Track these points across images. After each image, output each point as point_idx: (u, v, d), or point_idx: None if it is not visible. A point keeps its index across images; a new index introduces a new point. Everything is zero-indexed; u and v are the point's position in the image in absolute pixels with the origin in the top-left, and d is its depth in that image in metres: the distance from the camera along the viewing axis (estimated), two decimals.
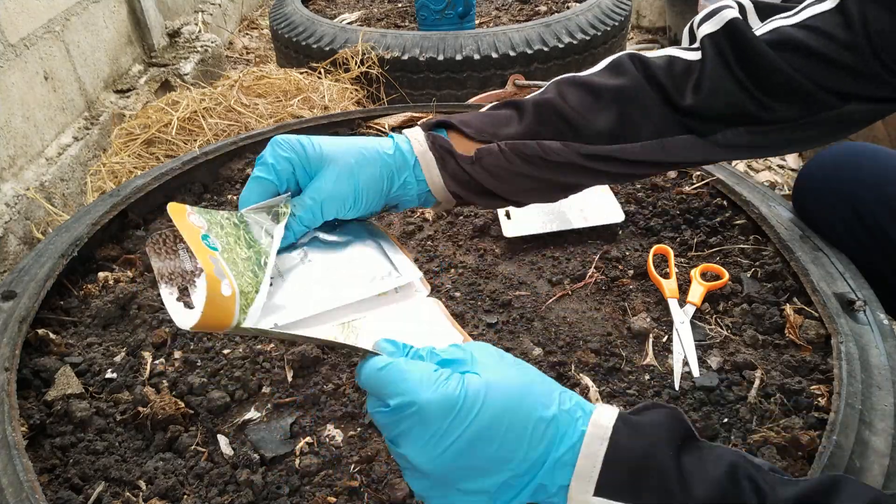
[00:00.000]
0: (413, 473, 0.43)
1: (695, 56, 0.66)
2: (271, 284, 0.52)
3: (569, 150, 0.64)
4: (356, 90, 2.12)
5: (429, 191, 0.64)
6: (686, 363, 0.80)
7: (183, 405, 0.77)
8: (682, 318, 0.86)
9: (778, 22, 0.66)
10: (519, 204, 0.71)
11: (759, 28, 0.67)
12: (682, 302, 0.89)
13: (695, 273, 0.92)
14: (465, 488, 0.41)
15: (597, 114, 0.65)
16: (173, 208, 0.52)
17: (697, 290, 0.89)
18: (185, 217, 0.51)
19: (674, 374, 0.80)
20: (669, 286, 0.90)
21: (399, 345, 0.46)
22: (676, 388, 0.78)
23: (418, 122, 0.68)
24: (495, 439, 0.40)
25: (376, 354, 0.45)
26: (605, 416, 0.43)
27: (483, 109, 0.71)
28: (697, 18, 0.67)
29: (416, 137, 0.62)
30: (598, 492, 0.40)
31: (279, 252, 0.56)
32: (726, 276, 0.91)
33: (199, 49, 2.69)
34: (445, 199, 0.66)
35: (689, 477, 0.40)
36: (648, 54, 0.69)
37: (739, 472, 0.41)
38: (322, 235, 0.61)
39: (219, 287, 0.45)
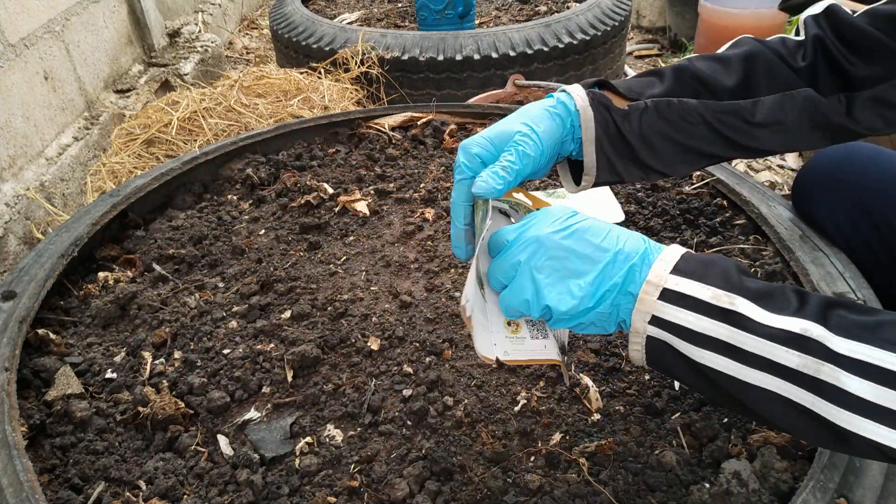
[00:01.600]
0: (538, 258, 0.54)
1: (801, 37, 0.77)
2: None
3: (703, 107, 0.71)
4: (356, 90, 2.12)
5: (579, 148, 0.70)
6: None
7: (183, 405, 0.77)
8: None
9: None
10: (653, 174, 0.74)
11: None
12: None
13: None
14: (577, 271, 0.53)
15: (725, 74, 0.74)
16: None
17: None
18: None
19: None
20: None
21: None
22: (676, 387, 0.78)
23: (580, 84, 0.72)
24: (599, 233, 0.53)
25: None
26: (676, 245, 0.55)
27: (627, 78, 0.78)
28: (804, 12, 0.79)
29: (577, 93, 0.68)
30: (673, 272, 0.51)
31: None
32: None
33: (199, 49, 2.69)
34: (589, 163, 0.70)
35: (747, 276, 0.51)
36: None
37: (785, 285, 0.51)
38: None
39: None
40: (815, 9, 0.78)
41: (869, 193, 0.90)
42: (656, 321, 0.51)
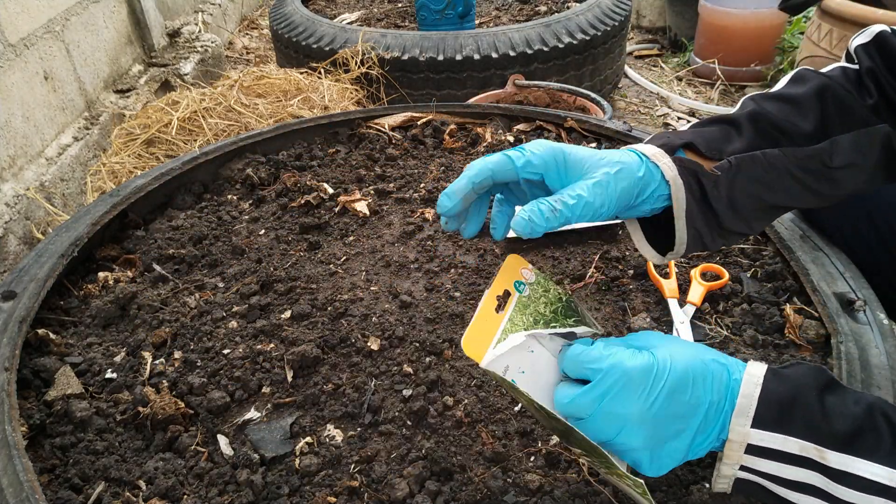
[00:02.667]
0: (629, 431, 0.50)
1: (855, 66, 0.73)
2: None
3: (785, 157, 0.65)
4: (356, 90, 2.12)
5: (665, 206, 0.64)
6: None
7: (183, 405, 0.77)
8: (682, 317, 0.86)
9: None
10: (732, 237, 0.69)
11: None
12: (682, 302, 0.89)
13: (695, 273, 0.92)
14: (672, 433, 0.50)
15: (801, 117, 0.69)
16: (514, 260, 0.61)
17: (697, 290, 0.89)
18: (518, 267, 0.60)
19: None
20: (669, 286, 0.90)
21: (589, 340, 0.55)
22: None
23: (646, 142, 0.67)
24: (687, 388, 0.49)
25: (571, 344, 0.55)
26: (757, 368, 0.52)
27: (688, 127, 0.71)
28: (852, 39, 0.74)
29: (664, 162, 0.62)
30: (754, 424, 0.49)
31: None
32: (726, 275, 0.91)
33: (199, 49, 2.69)
34: (680, 238, 0.64)
35: (832, 412, 0.48)
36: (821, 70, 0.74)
37: (875, 409, 0.48)
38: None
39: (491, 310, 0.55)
40: (865, 36, 0.73)
41: (875, 199, 0.90)
42: (746, 469, 0.50)
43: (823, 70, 0.74)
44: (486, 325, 0.55)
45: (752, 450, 0.49)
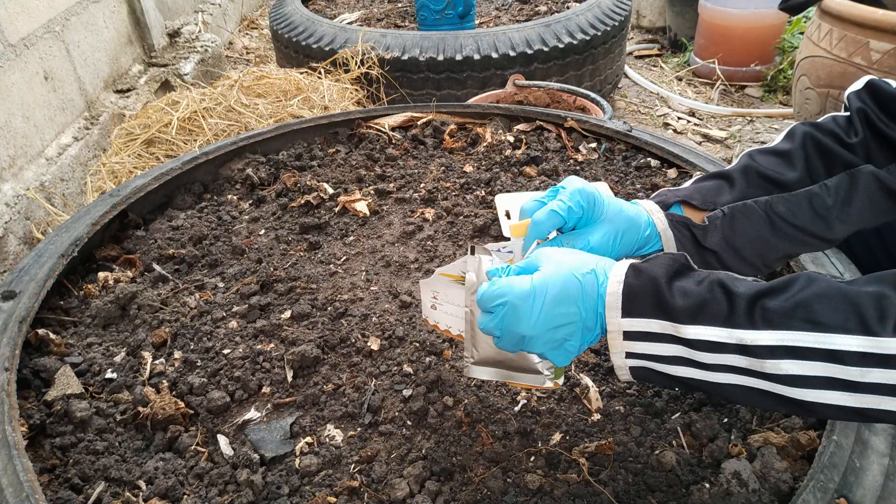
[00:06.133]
0: (529, 342, 0.61)
1: (846, 113, 0.82)
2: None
3: (774, 202, 0.75)
4: (356, 90, 2.12)
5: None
6: None
7: (183, 405, 0.77)
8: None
9: None
10: (741, 269, 0.77)
11: None
12: None
13: None
14: (564, 335, 0.60)
15: (788, 168, 0.79)
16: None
17: None
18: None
19: None
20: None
21: (496, 270, 0.66)
22: (676, 388, 0.78)
23: (650, 198, 0.79)
24: (563, 302, 0.60)
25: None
26: (619, 267, 0.61)
27: (691, 183, 0.83)
28: (847, 91, 0.83)
29: (658, 217, 0.76)
30: (624, 315, 0.58)
31: None
32: None
33: (199, 49, 2.69)
34: None
35: (679, 292, 0.57)
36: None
37: (714, 283, 0.57)
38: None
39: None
40: (857, 85, 0.81)
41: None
42: (631, 356, 0.59)
43: (816, 121, 0.83)
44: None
45: (629, 336, 0.59)
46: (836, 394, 0.51)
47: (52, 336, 0.87)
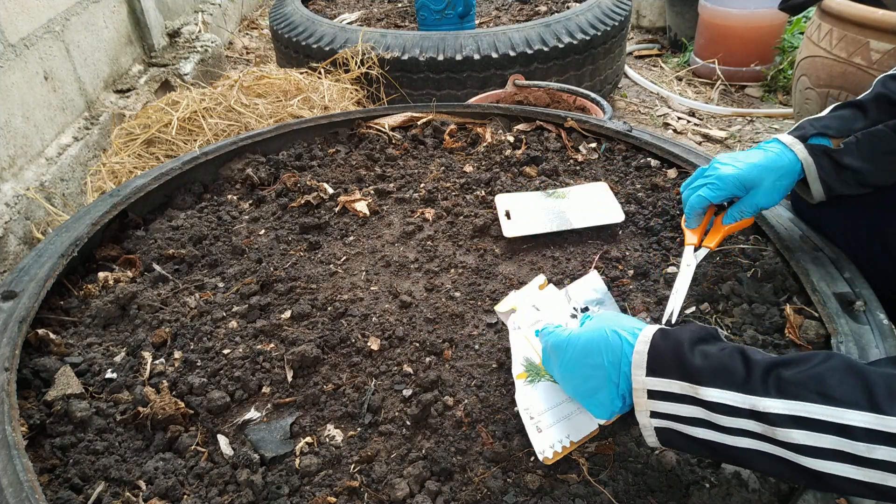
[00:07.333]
0: (562, 383, 0.70)
1: None
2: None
3: None
4: (356, 90, 2.12)
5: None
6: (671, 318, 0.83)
7: (183, 405, 0.77)
8: (689, 261, 0.89)
9: None
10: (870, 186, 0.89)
11: None
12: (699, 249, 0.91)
13: (718, 221, 0.93)
14: (593, 386, 0.64)
15: None
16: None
17: (716, 233, 0.91)
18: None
19: None
20: (690, 237, 0.92)
21: (549, 326, 0.74)
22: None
23: (790, 132, 0.90)
24: (589, 355, 0.64)
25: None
26: (649, 329, 0.63)
27: (828, 111, 0.93)
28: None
29: (799, 149, 0.87)
30: (648, 374, 0.60)
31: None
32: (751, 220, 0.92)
33: (199, 49, 2.69)
34: (817, 195, 0.89)
35: (700, 356, 0.59)
36: None
37: (735, 350, 0.58)
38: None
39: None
40: None
41: (888, 218, 0.90)
42: (656, 415, 0.61)
43: None
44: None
45: (653, 395, 0.60)
46: (847, 467, 0.51)
47: (52, 336, 0.87)
